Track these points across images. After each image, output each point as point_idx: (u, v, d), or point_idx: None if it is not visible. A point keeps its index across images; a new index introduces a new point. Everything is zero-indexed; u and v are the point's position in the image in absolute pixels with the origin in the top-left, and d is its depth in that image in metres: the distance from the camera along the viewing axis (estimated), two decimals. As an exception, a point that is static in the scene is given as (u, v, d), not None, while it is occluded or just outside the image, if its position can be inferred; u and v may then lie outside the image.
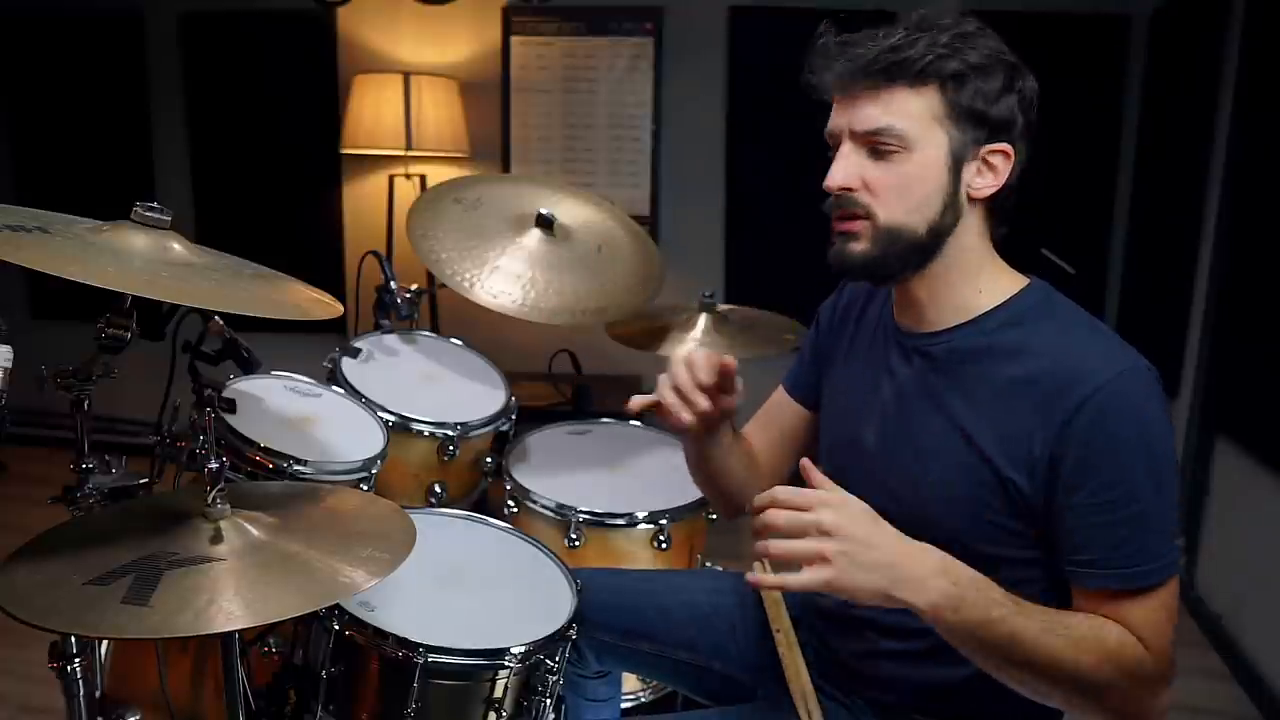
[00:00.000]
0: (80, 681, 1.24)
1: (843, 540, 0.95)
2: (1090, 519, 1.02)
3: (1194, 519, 2.96)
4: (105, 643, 1.40)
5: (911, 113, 1.05)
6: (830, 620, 1.31)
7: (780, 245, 3.83)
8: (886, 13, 1.12)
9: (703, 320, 2.21)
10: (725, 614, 1.45)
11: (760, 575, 0.98)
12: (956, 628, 0.97)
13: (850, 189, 1.08)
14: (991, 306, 1.12)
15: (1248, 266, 2.70)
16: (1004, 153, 1.08)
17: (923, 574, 0.96)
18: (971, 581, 0.98)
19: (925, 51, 1.03)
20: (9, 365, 1.04)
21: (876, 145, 1.07)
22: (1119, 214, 3.68)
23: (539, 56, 3.83)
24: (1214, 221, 2.89)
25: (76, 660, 1.22)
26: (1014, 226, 1.16)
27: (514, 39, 3.82)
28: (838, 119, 1.10)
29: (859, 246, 1.10)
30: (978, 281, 1.13)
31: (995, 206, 1.12)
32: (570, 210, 2.13)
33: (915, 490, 1.13)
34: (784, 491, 0.99)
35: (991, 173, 1.09)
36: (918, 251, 1.09)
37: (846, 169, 1.08)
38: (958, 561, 0.99)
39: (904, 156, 1.06)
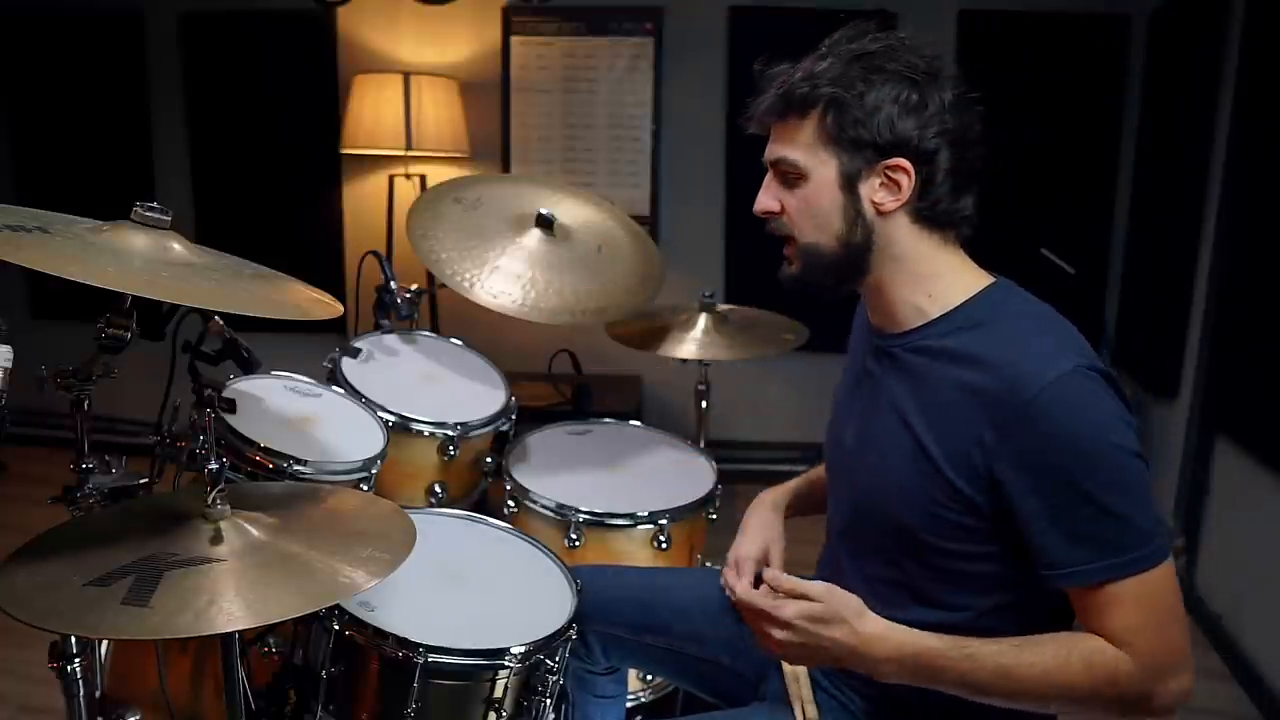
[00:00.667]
0: (80, 681, 1.24)
1: (794, 648, 1.11)
2: (1043, 524, 1.04)
3: (1194, 519, 2.96)
4: (105, 643, 1.40)
5: (801, 141, 1.14)
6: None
7: (780, 245, 3.83)
8: (887, 13, 1.13)
9: (703, 320, 2.21)
10: (733, 608, 1.45)
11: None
12: (916, 685, 1.10)
13: (771, 213, 1.19)
14: (944, 311, 1.15)
15: (1248, 266, 2.70)
16: (903, 168, 1.11)
17: (871, 666, 1.09)
18: (927, 657, 1.07)
19: (801, 83, 1.11)
20: (9, 365, 1.04)
21: (784, 174, 1.17)
22: (1119, 214, 3.68)
23: (539, 56, 3.83)
24: (1214, 221, 2.89)
25: (76, 660, 1.22)
26: (1014, 226, 1.16)
27: (514, 39, 3.82)
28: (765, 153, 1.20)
29: (790, 267, 1.21)
30: (927, 287, 1.16)
31: (926, 214, 1.14)
32: (570, 210, 2.13)
33: (877, 487, 1.18)
34: (777, 593, 1.13)
35: (894, 187, 1.12)
36: (840, 266, 1.17)
37: (764, 195, 1.19)
38: (914, 640, 1.08)
39: (804, 182, 1.15)
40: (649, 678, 1.87)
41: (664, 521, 1.82)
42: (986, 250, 1.21)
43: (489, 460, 2.02)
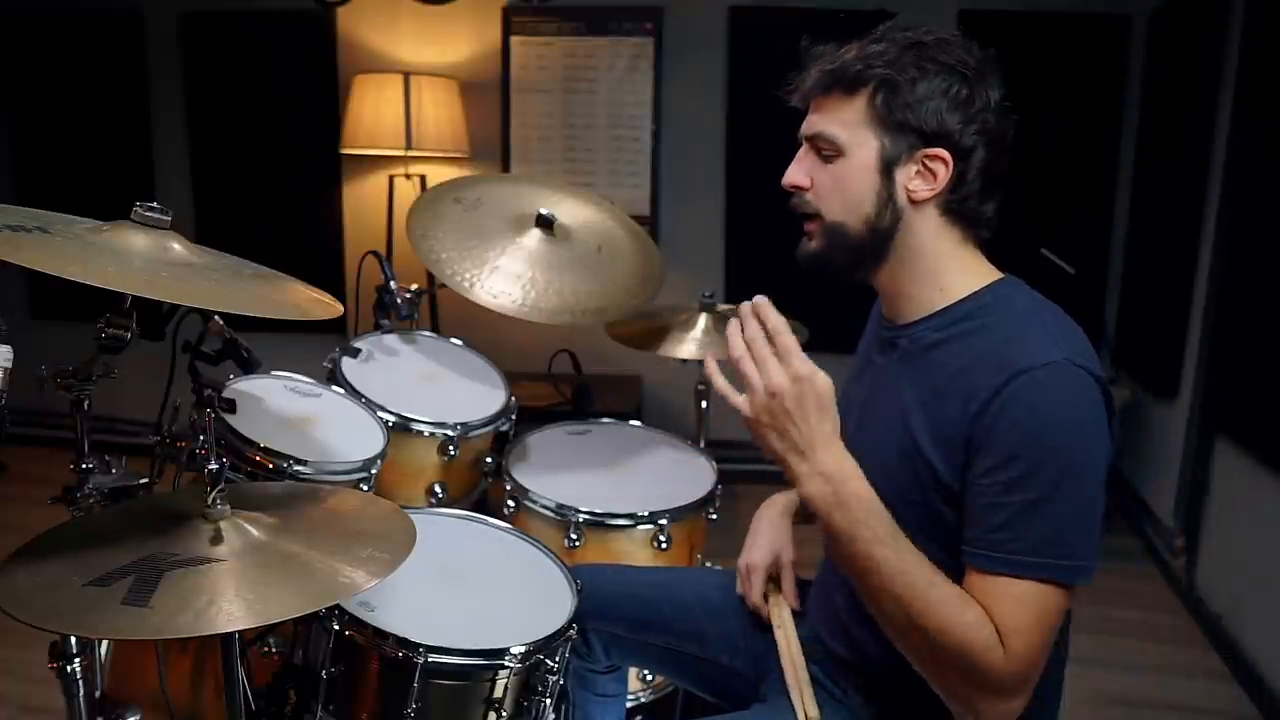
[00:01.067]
0: (80, 681, 1.23)
1: (769, 397, 1.04)
2: (980, 498, 1.04)
3: (1194, 519, 2.96)
4: (105, 643, 1.40)
5: (845, 119, 1.13)
6: (829, 620, 1.32)
7: (780, 245, 3.81)
8: (888, 12, 1.13)
9: (703, 320, 2.21)
10: (736, 609, 1.47)
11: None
12: (830, 530, 1.06)
13: (799, 187, 1.18)
14: (951, 303, 1.15)
15: (1248, 266, 2.70)
16: (942, 159, 1.11)
17: (811, 470, 1.05)
18: (859, 503, 1.05)
19: (854, 62, 1.11)
20: (9, 365, 1.04)
21: (819, 149, 1.16)
22: (1119, 214, 3.68)
23: (539, 56, 3.83)
24: (1214, 221, 2.89)
25: (76, 660, 1.22)
26: (1014, 226, 1.17)
27: (514, 39, 3.82)
28: (802, 127, 1.19)
29: (811, 244, 1.19)
30: (940, 280, 1.16)
31: (954, 209, 1.14)
32: (570, 210, 2.13)
33: (871, 477, 1.16)
34: (777, 329, 1.05)
35: (930, 176, 1.12)
36: (862, 249, 1.16)
37: (796, 169, 1.18)
38: (860, 481, 1.05)
39: (841, 160, 1.14)
40: (649, 678, 1.87)
41: (664, 521, 1.82)
42: (987, 250, 1.21)
43: (489, 460, 2.01)
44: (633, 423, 2.23)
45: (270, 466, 1.54)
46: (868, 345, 1.31)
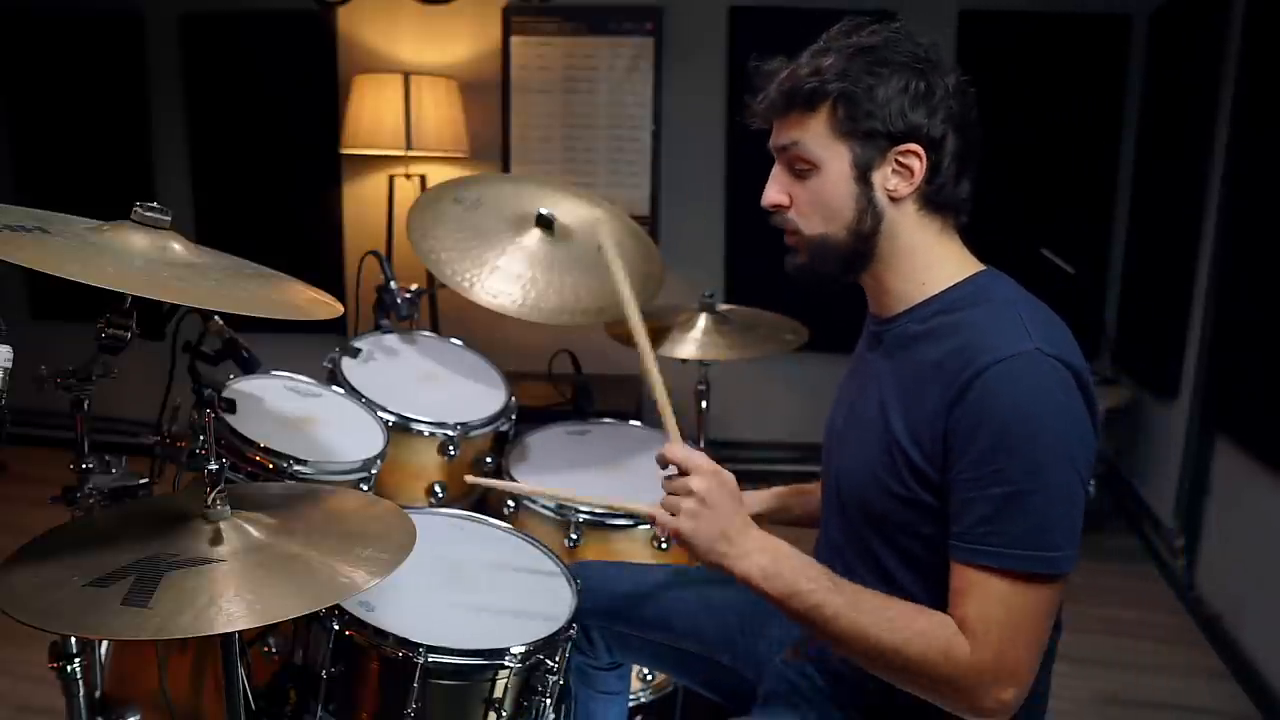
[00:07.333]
0: (80, 681, 1.24)
1: (699, 502, 1.13)
2: (962, 493, 1.05)
3: (1194, 519, 2.96)
4: (105, 643, 1.40)
5: (812, 134, 1.13)
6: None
7: (781, 245, 3.82)
8: (888, 12, 1.12)
9: (703, 320, 2.21)
10: (735, 607, 1.46)
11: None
12: (770, 595, 1.10)
13: (780, 205, 1.19)
14: (932, 295, 1.16)
15: (1248, 266, 2.70)
16: (915, 154, 1.12)
17: (746, 547, 1.12)
18: (789, 558, 1.11)
19: (808, 79, 1.11)
20: (9, 365, 1.04)
21: (795, 164, 1.16)
22: (1119, 214, 3.68)
23: (539, 56, 3.83)
24: (1214, 221, 2.89)
25: (76, 660, 1.22)
26: (1014, 226, 1.17)
27: (514, 39, 3.82)
28: (771, 143, 1.20)
29: (796, 259, 1.21)
30: (921, 275, 1.17)
31: (932, 200, 1.15)
32: (570, 210, 2.13)
33: (853, 468, 1.21)
34: (675, 451, 1.18)
35: (907, 173, 1.13)
36: (848, 255, 1.17)
37: (773, 188, 1.19)
38: (783, 544, 1.13)
39: (815, 173, 1.15)
40: (649, 677, 1.87)
41: (664, 521, 1.82)
42: (987, 251, 1.21)
43: (489, 460, 2.01)
44: (633, 423, 2.23)
45: (270, 466, 1.54)
46: (861, 342, 1.32)
